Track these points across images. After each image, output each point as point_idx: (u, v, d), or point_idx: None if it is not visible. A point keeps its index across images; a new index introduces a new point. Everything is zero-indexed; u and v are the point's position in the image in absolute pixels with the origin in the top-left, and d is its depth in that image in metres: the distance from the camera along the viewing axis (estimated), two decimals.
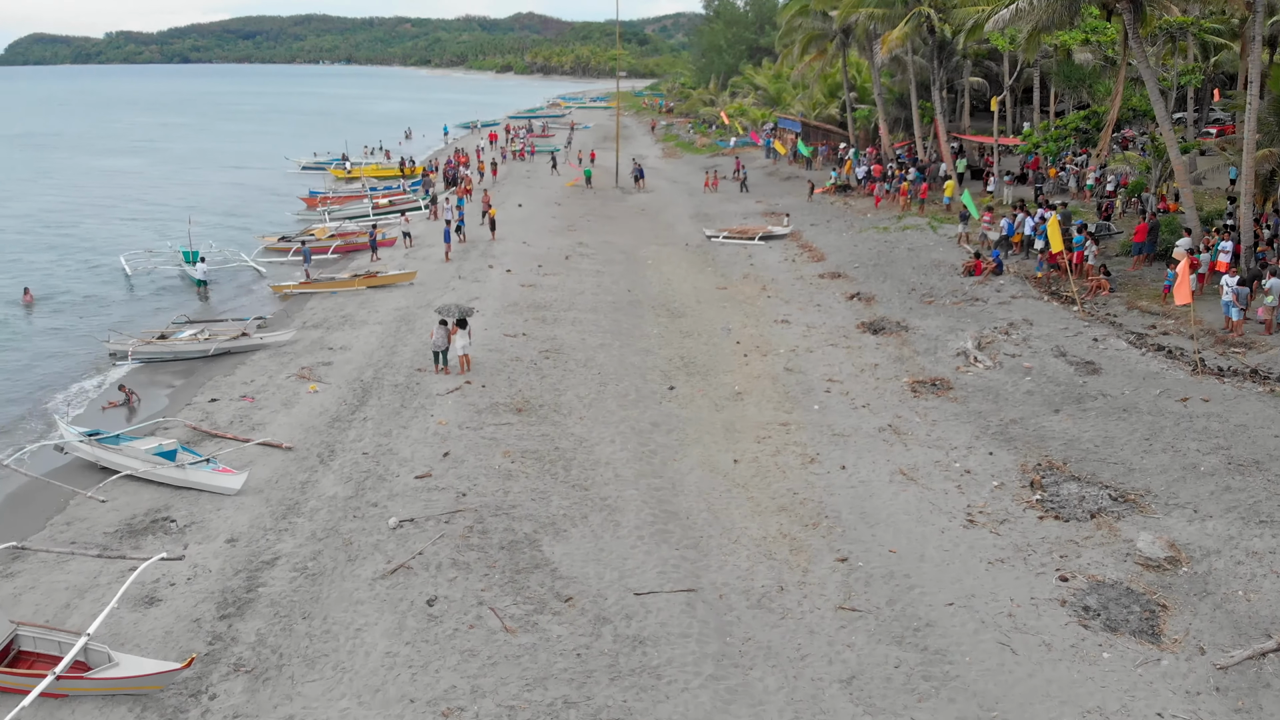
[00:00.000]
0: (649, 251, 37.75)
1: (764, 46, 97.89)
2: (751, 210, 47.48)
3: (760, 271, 33.94)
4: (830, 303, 29.18)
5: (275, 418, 19.95)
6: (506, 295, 29.31)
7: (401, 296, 29.94)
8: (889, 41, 42.66)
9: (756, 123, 76.41)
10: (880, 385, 21.83)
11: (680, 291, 31.14)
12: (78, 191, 59.48)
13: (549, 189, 54.44)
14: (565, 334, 25.40)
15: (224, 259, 36.77)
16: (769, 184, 56.13)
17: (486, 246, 37.44)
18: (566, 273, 32.89)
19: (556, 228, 42.01)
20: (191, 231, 35.67)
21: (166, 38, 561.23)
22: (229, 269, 36.08)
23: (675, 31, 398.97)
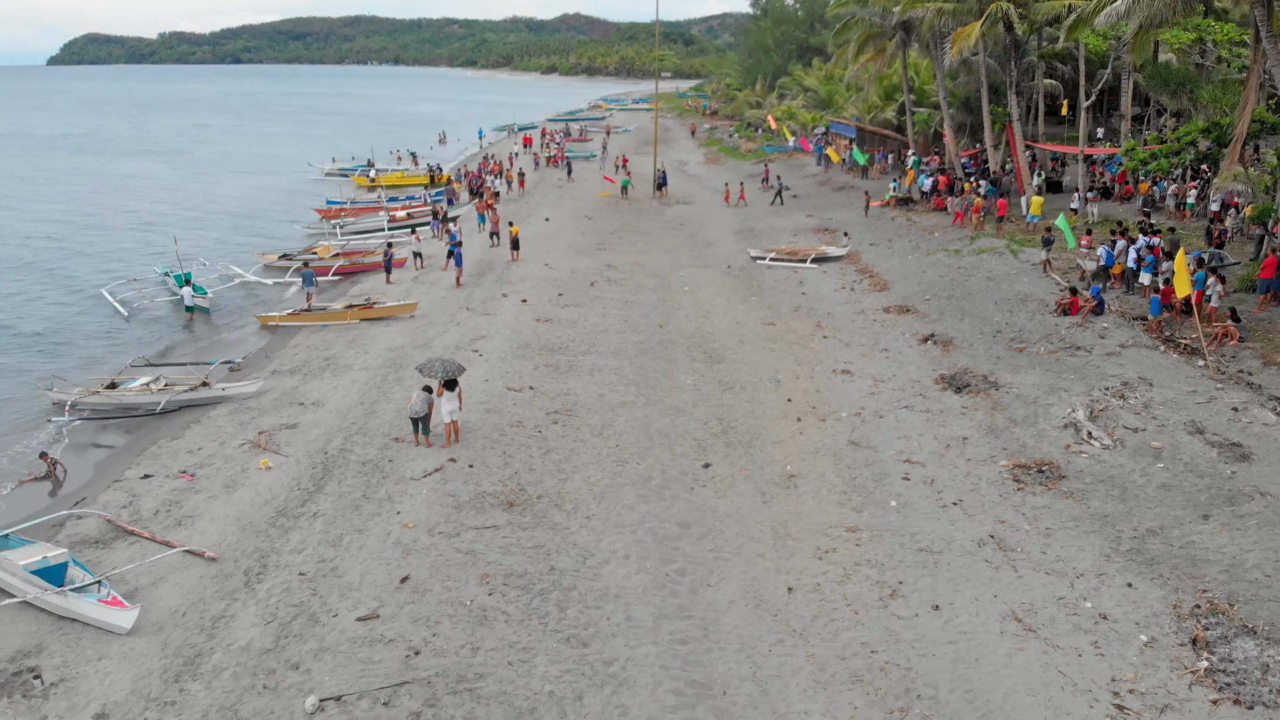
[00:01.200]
0: (685, 275, 33.39)
1: (814, 46, 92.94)
2: (802, 226, 42.87)
3: (814, 303, 29.41)
4: (900, 347, 24.56)
5: (211, 506, 15.97)
6: (518, 333, 25.15)
7: (398, 333, 25.95)
8: (961, 40, 37.78)
9: (806, 127, 71.62)
10: (972, 470, 17.25)
11: (720, 328, 26.74)
12: (89, 198, 56.70)
13: (580, 200, 50.30)
14: (581, 388, 21.14)
15: (220, 279, 33.25)
16: (820, 195, 51.42)
17: (504, 269, 33.36)
18: (590, 303, 28.66)
19: (584, 246, 37.82)
20: (180, 251, 32.12)
21: (218, 38, 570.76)
22: (229, 290, 32.53)
23: (721, 32, 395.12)
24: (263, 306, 31.29)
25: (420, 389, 17.62)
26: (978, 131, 59.30)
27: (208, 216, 50.43)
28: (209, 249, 41.42)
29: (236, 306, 31.14)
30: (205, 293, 30.42)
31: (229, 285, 32.76)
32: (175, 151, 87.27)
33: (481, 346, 23.86)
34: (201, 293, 30.19)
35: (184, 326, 29.25)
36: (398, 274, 33.51)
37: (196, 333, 28.80)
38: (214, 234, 45.23)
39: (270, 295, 32.73)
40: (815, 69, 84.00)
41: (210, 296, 30.47)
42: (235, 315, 30.28)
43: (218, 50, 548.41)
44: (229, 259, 37.72)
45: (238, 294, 32.74)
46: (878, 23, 53.56)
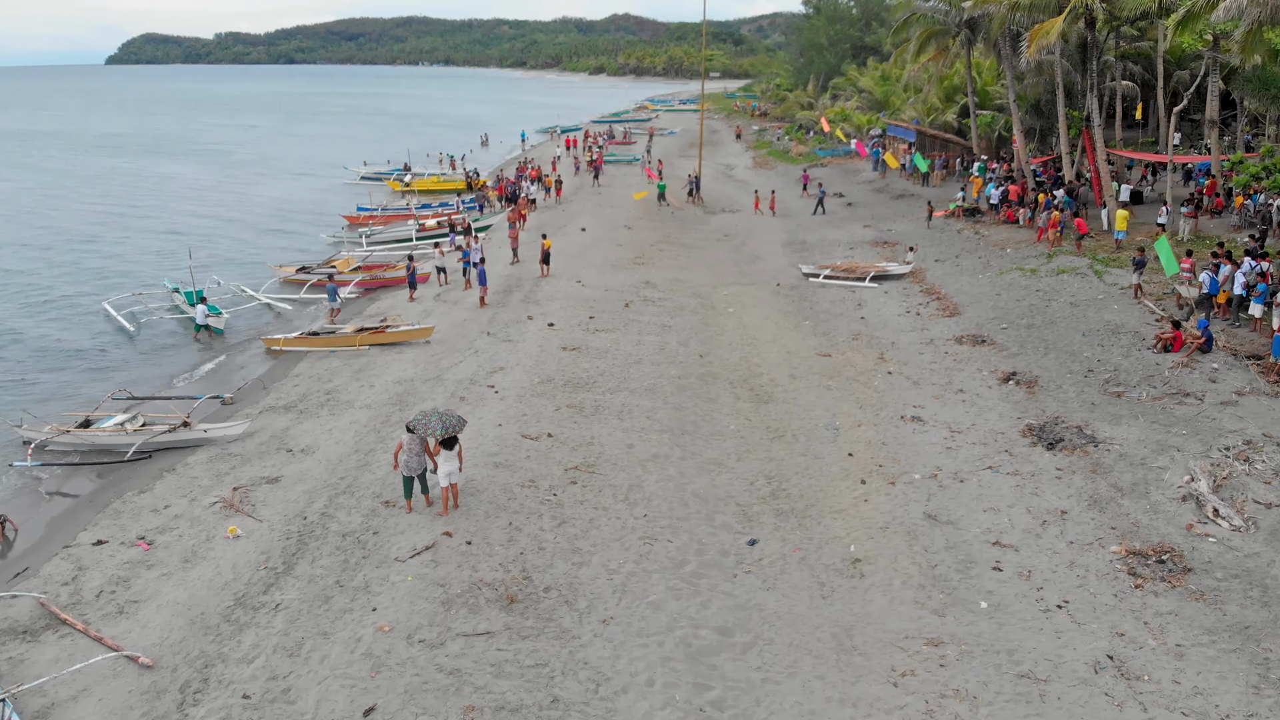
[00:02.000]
0: (730, 295, 30.44)
1: (869, 45, 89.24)
2: (858, 238, 39.65)
3: (876, 330, 26.28)
4: (977, 387, 21.37)
5: (163, 588, 13.48)
6: (541, 365, 22.43)
7: (410, 362, 23.40)
8: (1039, 37, 34.25)
9: (861, 130, 68.12)
10: (1077, 558, 14.11)
11: (768, 359, 23.75)
12: (119, 200, 55.40)
13: (620, 208, 47.53)
14: (607, 435, 18.34)
15: (233, 297, 31.10)
16: (877, 203, 48.07)
17: (533, 287, 30.72)
18: (623, 328, 25.85)
19: (621, 260, 35.05)
20: (193, 267, 29.98)
21: (273, 39, 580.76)
22: (246, 309, 30.35)
23: (771, 32, 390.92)
24: (278, 325, 29.03)
25: (411, 435, 14.90)
26: (1047, 136, 55.49)
27: (236, 221, 48.69)
28: (231, 256, 39.58)
29: (247, 326, 28.86)
30: (219, 312, 28.23)
31: (249, 305, 30.49)
32: (215, 152, 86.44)
33: (499, 381, 21.17)
34: (215, 312, 28.00)
35: (193, 347, 27.04)
36: (421, 289, 31.09)
37: (199, 356, 26.56)
38: (239, 240, 43.37)
39: (290, 314, 30.47)
40: (870, 69, 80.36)
41: (225, 317, 28.24)
42: (244, 335, 28.00)
43: (272, 51, 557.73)
44: (248, 270, 35.70)
45: (252, 312, 30.50)
46: (941, 20, 50.27)
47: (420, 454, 14.99)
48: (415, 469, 15.07)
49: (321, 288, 32.21)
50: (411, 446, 14.93)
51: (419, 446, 14.92)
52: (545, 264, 31.78)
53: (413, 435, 14.74)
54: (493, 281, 31.06)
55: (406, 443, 14.93)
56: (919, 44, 51.00)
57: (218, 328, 27.68)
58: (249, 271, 36.07)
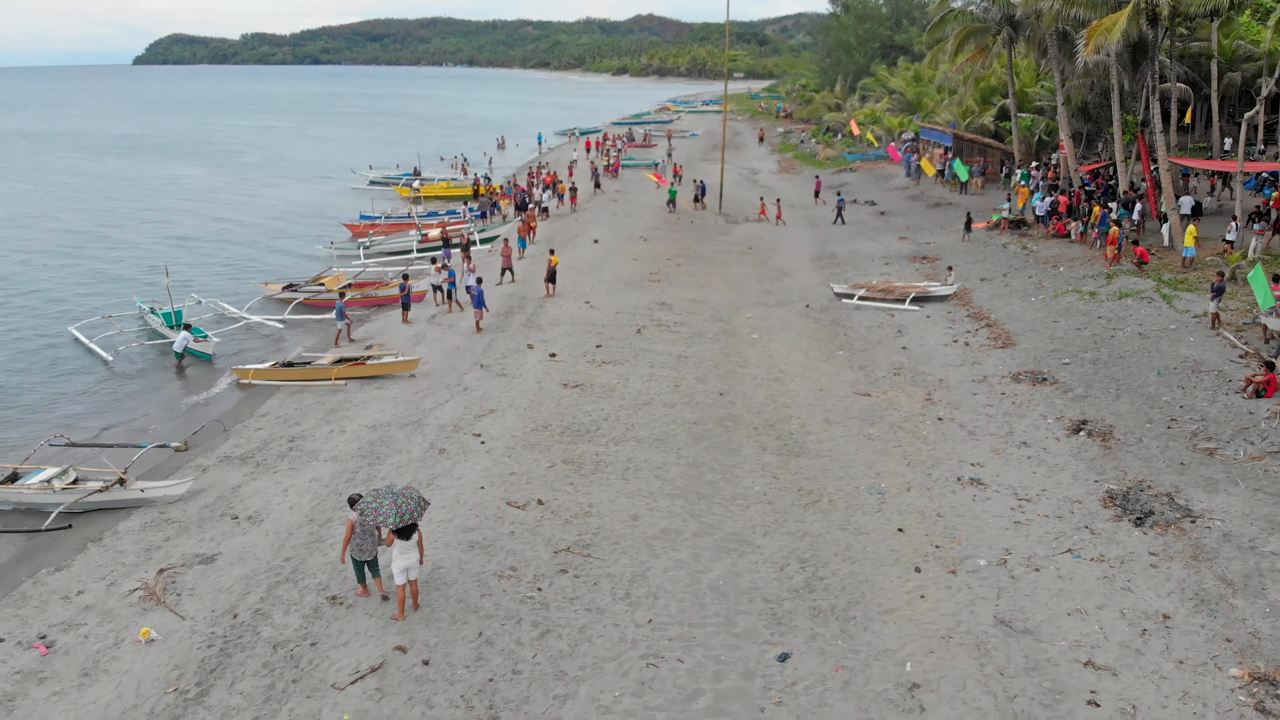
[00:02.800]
0: (754, 318, 27.53)
1: (900, 44, 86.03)
2: (893, 251, 36.60)
3: (920, 363, 23.29)
4: (1043, 438, 18.37)
5: (50, 714, 10.82)
6: (537, 406, 19.64)
7: (390, 400, 20.72)
8: (1099, 35, 31.06)
9: (892, 133, 64.94)
10: (1190, 685, 11.12)
11: (798, 398, 20.85)
12: (116, 205, 53.25)
13: (637, 217, 44.72)
14: (608, 503, 15.50)
15: (215, 317, 28.58)
16: (912, 212, 44.96)
17: (537, 308, 27.95)
18: (634, 359, 23.01)
19: (635, 276, 32.20)
20: (170, 284, 27.42)
21: (299, 40, 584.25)
22: (234, 331, 27.80)
23: (796, 32, 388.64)
24: (262, 350, 26.45)
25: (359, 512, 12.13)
26: (1093, 142, 52.17)
27: (235, 227, 46.34)
28: (223, 267, 37.21)
29: (227, 352, 26.21)
30: (205, 335, 25.65)
31: (234, 327, 27.88)
32: (227, 154, 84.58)
33: (487, 428, 18.40)
34: (201, 336, 25.43)
35: (170, 378, 24.45)
36: (415, 310, 28.46)
37: (175, 389, 23.96)
38: (234, 249, 40.94)
39: (280, 335, 27.90)
40: (901, 69, 77.13)
41: (214, 341, 25.62)
42: (220, 363, 25.41)
43: (297, 51, 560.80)
44: (237, 284, 33.17)
45: (240, 334, 27.90)
46: (980, 17, 47.27)
47: (373, 535, 12.26)
48: (368, 553, 12.35)
49: (311, 307, 29.73)
50: (363, 526, 12.21)
51: (372, 526, 12.19)
52: (551, 283, 29.01)
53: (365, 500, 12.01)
54: (494, 301, 28.35)
55: (356, 522, 12.21)
56: (957, 43, 47.84)
57: (204, 353, 25.13)
58: (238, 285, 33.62)
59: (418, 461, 16.76)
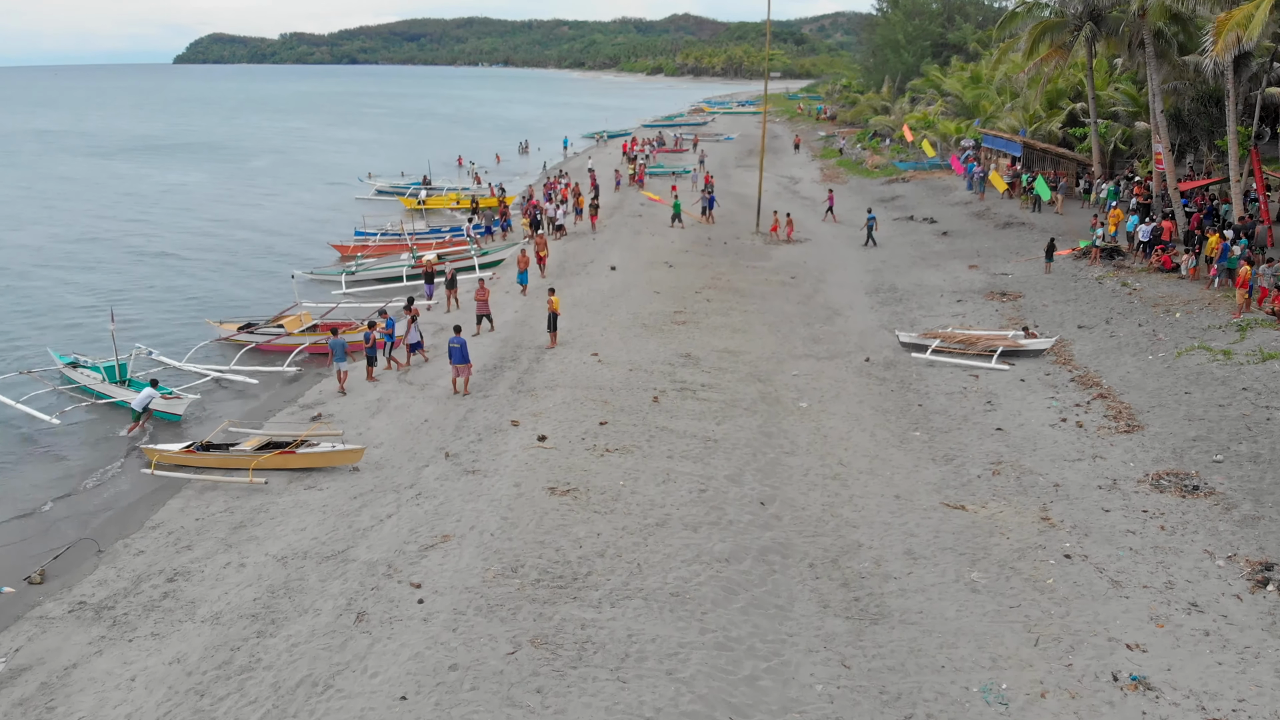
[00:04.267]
0: (801, 375, 22.10)
1: (952, 43, 79.87)
2: (963, 283, 30.94)
3: (1023, 454, 17.74)
4: (1216, 594, 12.80)
5: None
6: (508, 532, 14.32)
7: (319, 509, 15.61)
8: (1231, 28, 25.22)
9: (948, 139, 59.01)
10: None
11: (867, 510, 15.45)
12: (100, 216, 48.90)
13: (662, 236, 39.40)
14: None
15: (164, 372, 23.59)
16: (979, 233, 39.18)
17: (533, 362, 22.73)
18: (648, 444, 17.69)
19: (656, 316, 26.86)
20: (116, 330, 22.50)
21: (336, 39, 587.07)
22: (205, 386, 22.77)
23: (834, 31, 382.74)
24: (236, 409, 21.50)
25: None
26: (1183, 154, 46.09)
27: (219, 247, 41.65)
28: (186, 300, 32.40)
29: (201, 415, 21.20)
30: (171, 392, 20.71)
31: (202, 381, 22.77)
32: (238, 156, 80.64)
33: (433, 570, 13.16)
34: (167, 393, 20.53)
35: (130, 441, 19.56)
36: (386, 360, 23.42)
37: (75, 460, 19.08)
38: (207, 273, 36.20)
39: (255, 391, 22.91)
40: (955, 68, 71.10)
41: (185, 400, 20.70)
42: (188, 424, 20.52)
43: (335, 51, 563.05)
44: (190, 325, 28.22)
45: (213, 391, 22.88)
46: (1058, 11, 41.72)
47: None
48: None
49: (269, 352, 24.80)
50: None
51: None
52: (552, 330, 23.75)
53: None
54: (483, 351, 23.24)
55: None
56: (1031, 40, 42.10)
57: (173, 414, 20.30)
58: (200, 317, 28.85)
59: (322, 635, 11.61)
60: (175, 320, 28.98)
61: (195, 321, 28.35)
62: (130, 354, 22.91)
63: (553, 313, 23.50)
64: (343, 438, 18.03)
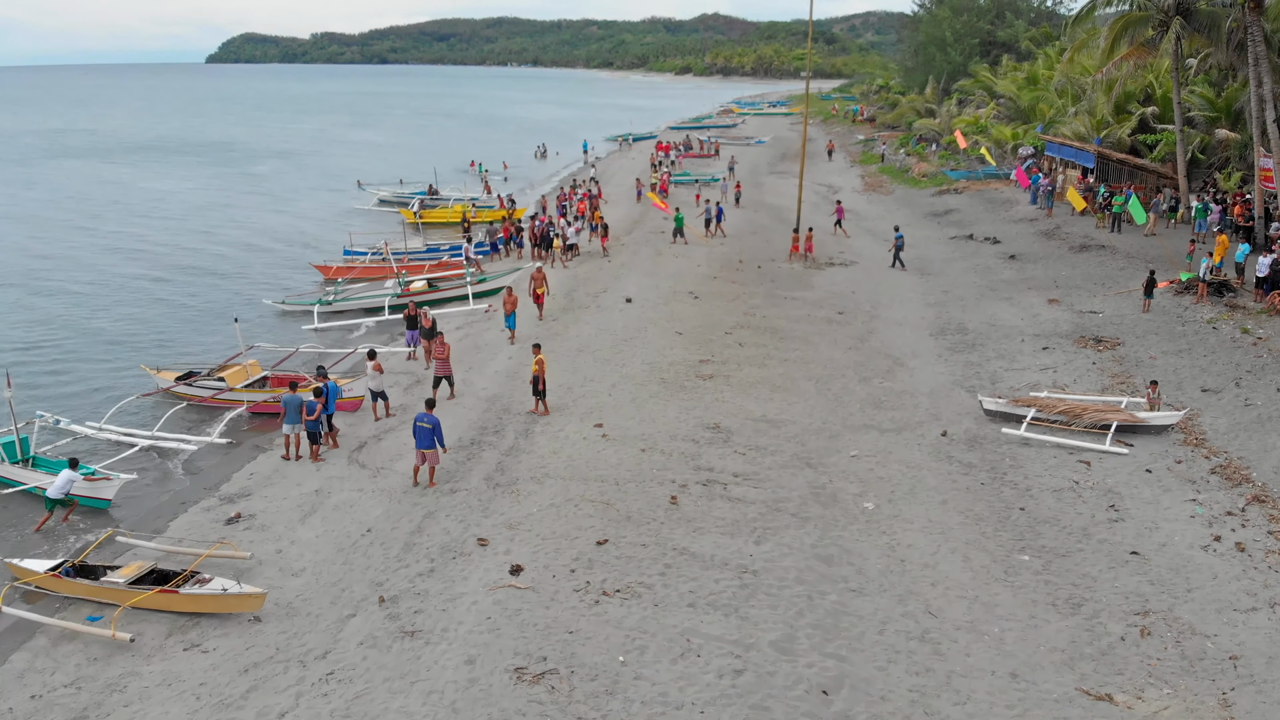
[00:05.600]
0: (862, 458, 17.25)
1: (1002, 41, 74.35)
2: (1048, 324, 25.88)
3: (1177, 601, 12.75)
4: None
5: None
6: None
7: (196, 687, 11.00)
8: None
9: (1003, 146, 53.72)
10: None
11: (977, 696, 10.64)
12: (75, 230, 44.80)
13: (687, 258, 34.61)
14: None
15: (74, 441, 19.10)
16: (1052, 256, 34.04)
17: (520, 437, 18.05)
18: (662, 581, 12.88)
19: (677, 368, 22.07)
20: (13, 399, 18.07)
21: (367, 39, 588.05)
22: (137, 458, 18.31)
23: (864, 30, 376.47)
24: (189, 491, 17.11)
25: None
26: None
27: (192, 266, 37.44)
28: (137, 334, 28.13)
29: (136, 495, 16.76)
30: (94, 472, 16.35)
31: (130, 453, 18.27)
32: (246, 159, 76.82)
33: None
34: (89, 473, 16.15)
35: (37, 534, 15.27)
36: (349, 421, 18.91)
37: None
38: (168, 303, 31.92)
39: (196, 457, 18.49)
40: (1007, 68, 65.66)
41: (115, 480, 16.31)
42: (122, 511, 16.15)
43: (365, 51, 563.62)
44: (119, 379, 23.74)
45: (154, 463, 18.49)
46: (1142, 6, 36.84)
47: None
48: None
49: (219, 408, 20.39)
50: None
51: None
52: (539, 396, 19.02)
53: None
54: (466, 412, 18.66)
55: None
56: (1113, 36, 37.05)
57: (101, 500, 15.98)
58: (146, 358, 24.54)
59: None
60: (111, 366, 24.62)
61: (134, 366, 23.99)
62: (32, 424, 18.51)
63: (537, 373, 18.70)
64: (250, 562, 13.46)
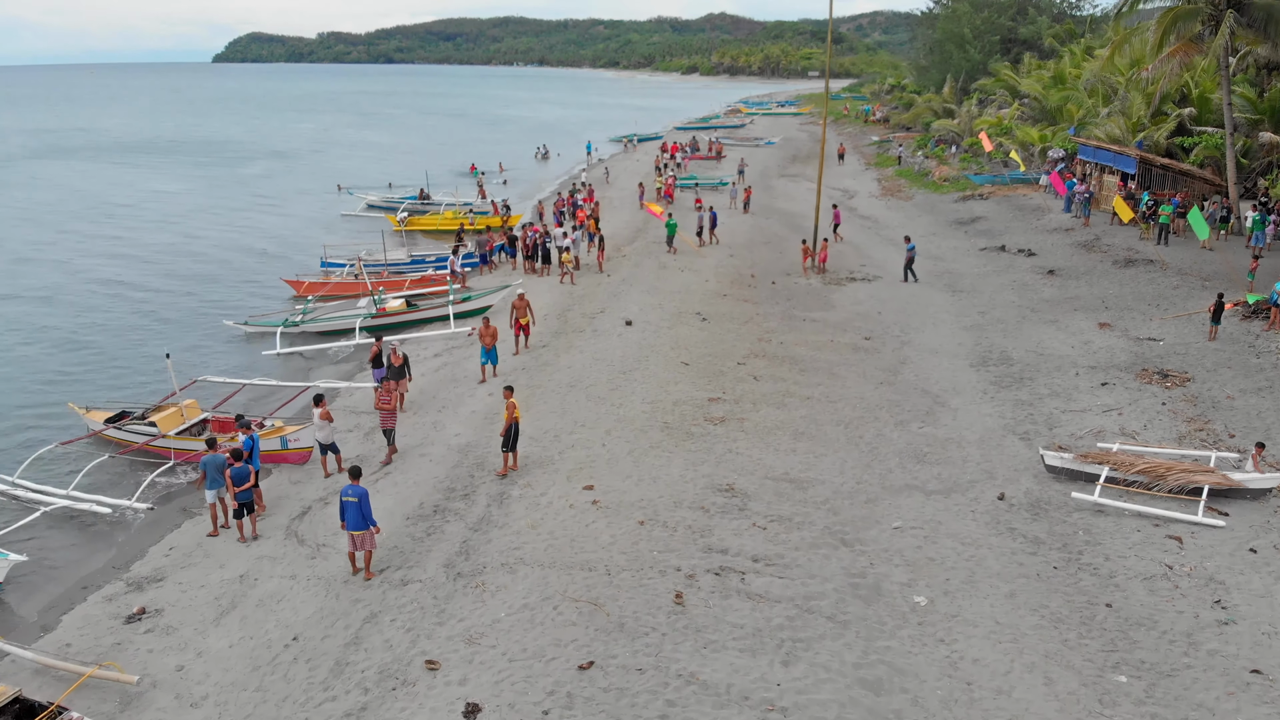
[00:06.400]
0: (904, 531, 14.25)
1: (1024, 38, 71.25)
2: (1102, 353, 22.81)
3: None
4: None
5: None
6: None
7: None
8: None
9: (1029, 148, 50.61)
10: None
11: None
12: (40, 240, 42.02)
13: (694, 272, 31.60)
14: None
15: None
16: (1095, 272, 30.96)
17: (493, 503, 15.07)
18: None
19: (682, 410, 19.06)
20: None
21: (374, 39, 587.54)
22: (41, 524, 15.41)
23: (871, 30, 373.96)
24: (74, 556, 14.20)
25: None
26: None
27: (159, 278, 34.63)
28: (76, 362, 25.25)
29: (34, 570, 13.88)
30: None
31: (33, 518, 15.36)
32: (236, 160, 74.07)
33: None
34: None
35: None
36: (300, 477, 16.01)
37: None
38: (121, 323, 29.04)
39: (111, 519, 15.59)
40: (1031, 66, 62.51)
41: (6, 561, 13.42)
42: (11, 592, 13.34)
43: (372, 50, 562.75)
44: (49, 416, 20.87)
45: (59, 529, 15.60)
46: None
47: None
48: None
49: (163, 456, 17.53)
50: None
51: None
52: (509, 449, 15.97)
53: None
54: (431, 468, 15.72)
55: None
56: (1162, 31, 34.06)
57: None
58: (81, 392, 21.70)
59: None
60: (39, 402, 21.74)
61: (66, 400, 21.09)
62: None
63: (511, 424, 15.67)
64: (140, 687, 10.53)
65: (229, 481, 14.01)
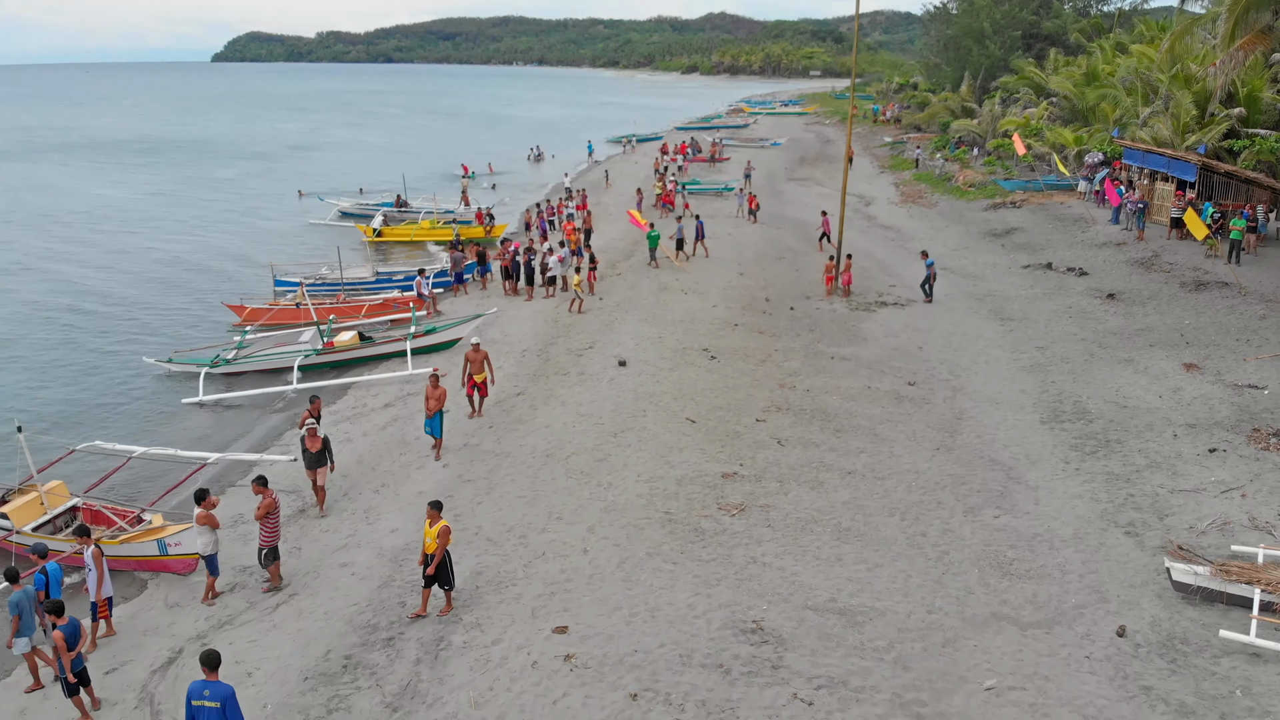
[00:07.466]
0: (1000, 696, 10.12)
1: (1047, 33, 67.08)
2: (1193, 403, 18.58)
3: None
4: None
5: None
6: None
7: None
8: None
9: (1061, 150, 46.41)
10: None
11: None
12: None
13: (700, 295, 27.39)
14: None
15: None
16: (1161, 297, 26.72)
17: (427, 657, 10.86)
18: None
19: (688, 488, 14.88)
20: None
21: (373, 38, 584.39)
22: None
23: (872, 30, 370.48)
24: None
25: None
26: None
27: (90, 299, 30.50)
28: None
29: None
30: None
31: None
32: (215, 162, 70.01)
33: None
34: None
35: None
36: (180, 596, 11.87)
37: None
38: (28, 365, 24.86)
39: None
40: (1058, 63, 58.30)
41: None
42: None
43: (371, 50, 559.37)
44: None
45: None
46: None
47: None
48: None
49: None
50: None
51: None
52: (429, 586, 11.49)
53: None
54: (350, 589, 11.59)
55: None
56: (1233, 20, 29.92)
57: None
58: None
59: None
60: None
61: None
62: None
63: (429, 556, 11.41)
64: None
65: (59, 640, 9.79)
